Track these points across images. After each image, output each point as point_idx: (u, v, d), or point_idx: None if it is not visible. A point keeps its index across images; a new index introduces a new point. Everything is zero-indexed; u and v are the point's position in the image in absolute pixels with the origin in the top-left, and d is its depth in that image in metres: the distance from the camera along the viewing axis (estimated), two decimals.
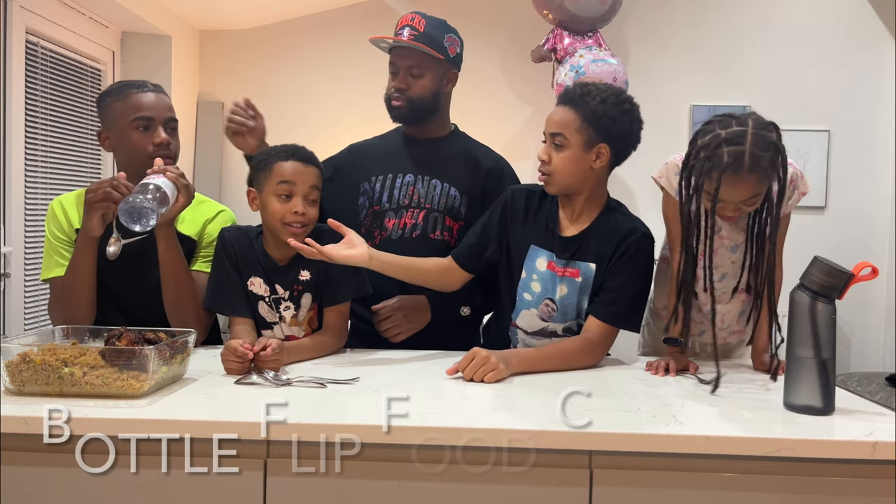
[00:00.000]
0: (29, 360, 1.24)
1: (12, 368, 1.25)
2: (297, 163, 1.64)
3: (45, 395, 1.24)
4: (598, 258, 1.63)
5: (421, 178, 1.92)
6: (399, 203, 1.91)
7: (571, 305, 1.66)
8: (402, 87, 1.88)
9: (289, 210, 1.61)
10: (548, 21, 3.50)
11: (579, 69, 3.28)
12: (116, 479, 1.14)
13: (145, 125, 1.66)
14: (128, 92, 1.67)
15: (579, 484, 1.13)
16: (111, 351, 1.27)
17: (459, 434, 1.12)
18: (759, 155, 1.41)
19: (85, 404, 1.20)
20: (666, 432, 1.13)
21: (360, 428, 1.13)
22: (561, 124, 1.60)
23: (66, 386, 1.24)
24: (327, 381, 1.36)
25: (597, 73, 3.28)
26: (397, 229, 1.90)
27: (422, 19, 1.87)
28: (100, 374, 1.24)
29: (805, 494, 1.13)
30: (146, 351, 1.25)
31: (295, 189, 1.62)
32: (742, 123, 1.43)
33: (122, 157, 1.70)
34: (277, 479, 1.14)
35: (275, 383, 1.35)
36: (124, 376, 1.24)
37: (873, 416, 1.26)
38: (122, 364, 1.24)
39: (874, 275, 1.27)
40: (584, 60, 3.31)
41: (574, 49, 3.40)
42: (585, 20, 3.41)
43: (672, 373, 1.55)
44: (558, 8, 3.38)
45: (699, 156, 1.44)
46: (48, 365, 1.24)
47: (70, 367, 1.24)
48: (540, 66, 3.60)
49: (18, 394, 1.25)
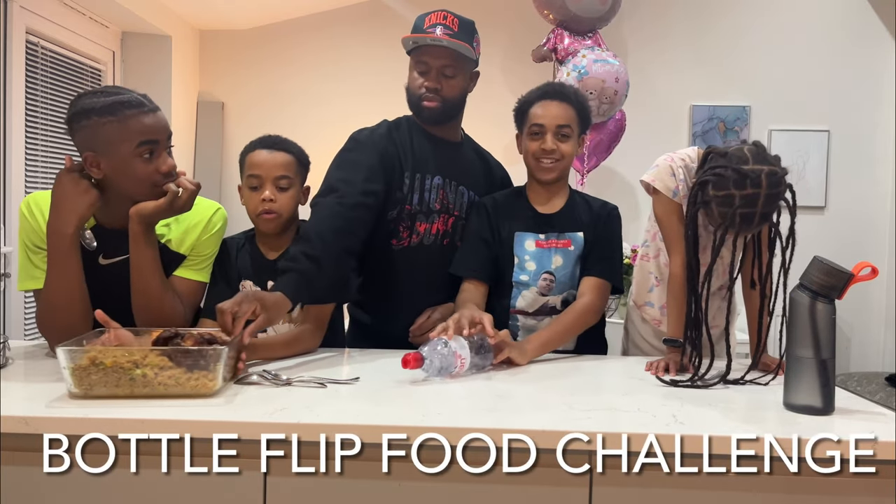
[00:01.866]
0: (99, 363, 1.22)
1: (80, 372, 1.22)
2: (262, 151, 1.63)
3: (114, 397, 1.23)
4: (583, 227, 1.81)
5: (449, 183, 1.87)
6: (430, 207, 1.84)
7: (567, 275, 1.79)
8: (437, 87, 1.82)
9: (258, 199, 1.61)
10: (548, 21, 3.51)
11: (582, 69, 3.28)
12: (116, 479, 1.13)
13: (150, 150, 1.47)
14: (124, 112, 1.43)
15: (579, 484, 1.13)
16: (181, 351, 1.26)
17: (459, 434, 1.12)
18: (769, 212, 1.46)
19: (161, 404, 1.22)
20: (666, 432, 1.13)
21: (360, 428, 1.13)
22: (566, 118, 1.77)
23: (138, 387, 1.23)
24: (327, 381, 1.36)
25: (599, 74, 3.28)
26: (429, 235, 1.85)
27: (454, 18, 1.82)
28: (171, 375, 1.24)
29: (805, 494, 1.13)
30: (218, 351, 1.26)
31: (263, 178, 1.62)
32: (756, 184, 1.41)
33: (122, 186, 1.48)
34: (277, 479, 1.14)
35: (274, 383, 1.35)
36: (196, 376, 1.25)
37: (873, 416, 1.26)
38: (189, 364, 1.25)
39: (874, 275, 1.27)
40: (586, 61, 3.31)
41: (575, 49, 3.40)
42: (586, 20, 3.41)
43: (672, 372, 1.55)
44: (559, 8, 3.39)
45: (710, 206, 1.47)
46: (119, 367, 1.22)
47: (141, 369, 1.23)
48: (540, 68, 3.60)
49: (84, 397, 1.23)
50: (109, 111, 1.43)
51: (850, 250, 3.57)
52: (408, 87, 1.87)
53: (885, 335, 3.78)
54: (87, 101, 1.45)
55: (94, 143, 1.44)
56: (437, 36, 1.78)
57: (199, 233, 1.60)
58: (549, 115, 1.77)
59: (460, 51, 1.79)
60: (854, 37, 3.79)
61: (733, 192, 1.42)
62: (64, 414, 1.15)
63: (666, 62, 3.81)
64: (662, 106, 3.80)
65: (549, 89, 1.81)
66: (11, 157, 2.67)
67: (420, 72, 1.83)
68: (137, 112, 1.45)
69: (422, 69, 1.82)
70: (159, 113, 1.50)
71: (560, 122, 1.76)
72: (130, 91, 1.49)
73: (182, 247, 1.59)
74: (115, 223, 1.53)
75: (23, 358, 1.53)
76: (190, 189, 1.49)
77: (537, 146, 1.77)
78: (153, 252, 1.51)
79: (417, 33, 1.81)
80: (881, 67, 3.76)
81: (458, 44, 1.78)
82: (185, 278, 1.59)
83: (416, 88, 1.83)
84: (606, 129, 3.47)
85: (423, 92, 1.82)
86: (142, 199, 1.48)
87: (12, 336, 2.58)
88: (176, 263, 1.59)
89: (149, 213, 1.48)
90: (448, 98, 1.83)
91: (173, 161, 1.51)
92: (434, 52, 1.80)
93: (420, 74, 1.83)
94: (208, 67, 3.97)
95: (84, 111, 1.44)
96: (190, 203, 1.51)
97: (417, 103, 1.85)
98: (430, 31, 1.80)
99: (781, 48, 3.80)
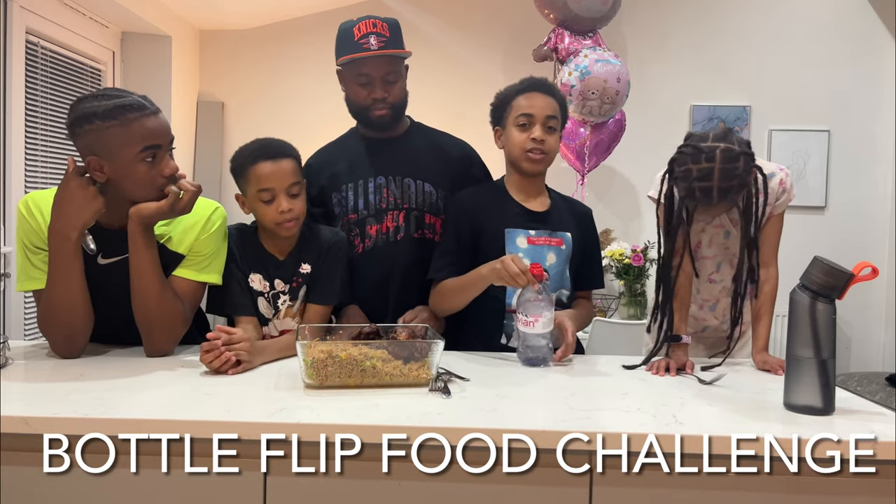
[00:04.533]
0: (335, 356, 1.34)
1: (318, 365, 1.34)
2: (267, 162, 1.63)
3: (345, 387, 1.35)
4: (570, 228, 1.83)
5: (392, 179, 1.89)
6: (377, 207, 1.88)
7: (558, 273, 1.79)
8: (385, 96, 1.86)
9: (275, 211, 1.62)
10: (549, 21, 3.51)
11: (584, 69, 3.28)
12: (116, 479, 1.14)
13: (153, 154, 1.47)
14: (126, 116, 1.42)
15: (579, 484, 1.13)
16: (400, 345, 1.39)
17: (459, 434, 1.12)
18: (727, 188, 1.53)
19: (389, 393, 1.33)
20: (666, 432, 1.13)
21: (360, 428, 1.13)
22: (553, 109, 1.77)
23: (368, 377, 1.36)
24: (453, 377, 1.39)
25: (601, 74, 3.28)
26: (381, 234, 1.87)
27: (383, 23, 1.84)
28: (396, 366, 1.36)
29: (805, 494, 1.13)
30: (433, 344, 1.38)
31: (275, 190, 1.62)
32: (710, 158, 1.51)
33: (124, 189, 1.48)
34: (277, 479, 1.14)
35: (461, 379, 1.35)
36: (414, 367, 1.37)
37: (873, 416, 1.26)
38: (405, 357, 1.38)
39: (874, 275, 1.27)
40: (588, 61, 3.31)
41: (576, 49, 3.40)
42: (586, 20, 3.41)
43: (672, 372, 1.55)
44: (561, 8, 3.39)
45: (676, 184, 1.59)
46: (353, 359, 1.35)
47: (371, 361, 1.35)
48: (541, 67, 3.59)
49: (320, 387, 1.34)
50: (112, 115, 1.42)
51: (850, 250, 3.57)
52: (349, 97, 1.90)
53: (885, 335, 3.78)
54: (88, 105, 1.44)
55: (97, 148, 1.43)
56: (373, 47, 1.81)
57: (198, 232, 1.59)
58: (537, 106, 1.75)
59: (400, 57, 1.84)
60: (854, 37, 3.79)
61: (690, 167, 1.53)
62: (64, 414, 1.14)
63: (666, 62, 3.81)
64: (662, 106, 3.80)
65: (534, 82, 1.80)
66: (11, 157, 2.67)
67: (362, 84, 1.86)
68: (140, 115, 1.44)
69: (363, 81, 1.85)
70: (161, 115, 1.49)
71: (548, 112, 1.75)
72: (131, 93, 1.48)
73: (181, 246, 1.59)
74: (114, 223, 1.52)
75: (23, 358, 1.53)
76: (191, 191, 1.50)
77: (525, 137, 1.74)
78: (152, 253, 1.51)
79: (349, 46, 1.83)
80: (881, 67, 3.76)
81: (398, 52, 1.84)
82: (185, 278, 1.58)
83: (363, 100, 1.87)
84: (606, 129, 3.47)
85: (372, 103, 1.86)
86: (144, 201, 1.48)
87: (12, 336, 2.58)
88: (175, 263, 1.58)
89: (149, 215, 1.49)
90: (396, 103, 1.88)
91: (175, 164, 1.51)
92: (374, 63, 1.84)
93: (363, 86, 1.86)
94: (208, 67, 3.98)
95: (86, 116, 1.42)
96: (190, 205, 1.51)
97: (366, 114, 1.89)
98: (364, 41, 1.81)
99: (781, 48, 3.80)
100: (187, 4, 3.55)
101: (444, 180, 1.92)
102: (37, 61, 2.84)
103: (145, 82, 3.53)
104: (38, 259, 1.52)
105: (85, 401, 1.22)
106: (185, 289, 1.58)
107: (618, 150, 3.57)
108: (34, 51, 2.82)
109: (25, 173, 2.76)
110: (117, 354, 1.57)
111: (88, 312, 1.51)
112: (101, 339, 1.59)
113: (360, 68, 1.84)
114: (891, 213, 3.79)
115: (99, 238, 1.52)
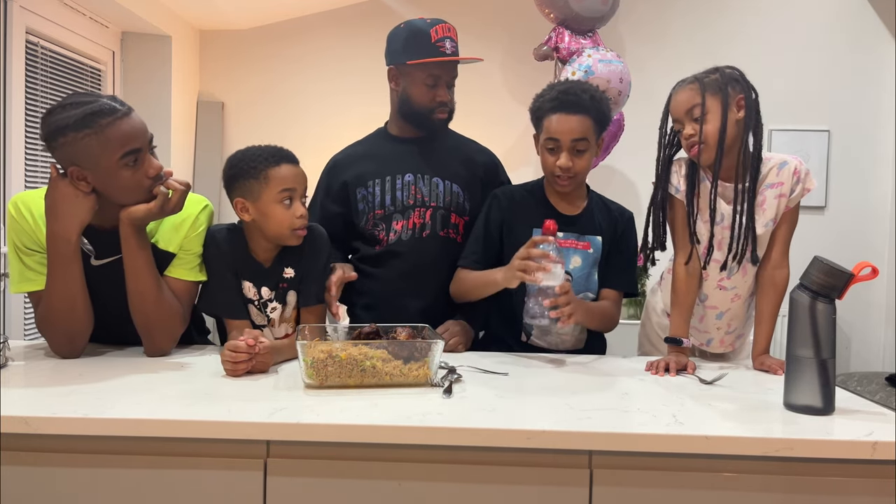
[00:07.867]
0: (335, 356, 1.34)
1: (318, 365, 1.33)
2: (290, 166, 1.62)
3: (345, 387, 1.35)
4: (602, 232, 1.81)
5: (421, 177, 1.91)
6: (404, 204, 1.89)
7: (583, 277, 1.79)
8: (447, 100, 1.90)
9: (294, 216, 1.61)
10: (549, 20, 3.51)
11: (588, 69, 3.28)
12: (116, 478, 1.14)
13: (135, 158, 1.43)
14: (99, 122, 1.38)
15: (579, 484, 1.13)
16: (400, 345, 1.39)
17: (459, 434, 1.12)
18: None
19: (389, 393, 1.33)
20: (666, 432, 1.13)
21: (360, 428, 1.13)
22: (582, 130, 1.73)
23: (368, 377, 1.36)
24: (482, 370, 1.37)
25: (604, 74, 3.28)
26: (407, 230, 1.88)
27: (454, 29, 1.89)
28: (396, 366, 1.37)
29: (805, 494, 1.13)
30: (433, 344, 1.38)
31: (295, 193, 1.62)
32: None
33: (111, 195, 1.46)
34: (277, 479, 1.14)
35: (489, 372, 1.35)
36: (414, 367, 1.37)
37: (873, 416, 1.26)
38: (405, 357, 1.38)
39: (874, 275, 1.27)
40: (591, 60, 3.31)
41: (577, 48, 3.40)
42: (587, 20, 3.41)
43: (672, 372, 1.55)
44: (561, 7, 3.39)
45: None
46: (353, 359, 1.35)
47: (370, 361, 1.35)
48: (541, 67, 3.60)
49: (320, 387, 1.34)
50: (85, 124, 1.37)
51: (850, 250, 3.58)
52: (411, 97, 1.89)
53: (885, 335, 3.78)
54: (58, 117, 1.39)
55: (76, 159, 1.40)
56: (448, 51, 1.85)
57: (187, 230, 1.58)
58: (563, 131, 1.71)
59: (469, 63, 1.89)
60: (854, 37, 3.79)
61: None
62: (64, 414, 1.14)
63: (664, 62, 3.80)
64: (660, 106, 3.78)
65: (564, 100, 1.73)
66: (11, 157, 2.67)
67: (429, 85, 1.87)
68: (113, 119, 1.39)
69: (431, 82, 1.87)
70: (134, 114, 1.44)
71: (575, 135, 1.72)
72: (98, 96, 1.44)
73: (171, 245, 1.58)
74: (105, 224, 1.51)
75: (23, 358, 1.53)
76: (180, 190, 1.49)
77: (553, 162, 1.74)
78: (147, 254, 1.51)
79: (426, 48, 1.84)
80: (881, 67, 3.76)
81: (475, 60, 1.89)
82: (178, 278, 1.58)
83: (429, 101, 1.89)
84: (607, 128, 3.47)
85: (436, 105, 1.89)
86: (133, 204, 1.47)
87: (12, 336, 2.58)
88: (166, 262, 1.57)
89: (140, 217, 1.48)
90: (452, 107, 1.93)
91: (159, 162, 1.48)
92: (448, 67, 1.88)
93: (430, 87, 1.87)
94: (208, 67, 3.98)
95: (59, 128, 1.38)
96: (180, 204, 1.50)
97: (428, 115, 1.90)
98: (440, 44, 1.84)
99: (781, 48, 3.79)
100: (187, 4, 3.55)
101: (471, 184, 1.94)
102: (37, 61, 2.84)
103: (145, 82, 3.53)
104: (31, 260, 1.51)
105: (85, 401, 1.21)
106: (179, 289, 1.57)
107: (617, 150, 3.57)
108: (34, 51, 2.82)
109: (25, 173, 2.76)
110: (117, 354, 1.57)
111: (88, 313, 1.50)
112: (97, 339, 1.58)
113: (432, 69, 1.86)
114: (891, 213, 3.79)
115: (91, 239, 1.52)
